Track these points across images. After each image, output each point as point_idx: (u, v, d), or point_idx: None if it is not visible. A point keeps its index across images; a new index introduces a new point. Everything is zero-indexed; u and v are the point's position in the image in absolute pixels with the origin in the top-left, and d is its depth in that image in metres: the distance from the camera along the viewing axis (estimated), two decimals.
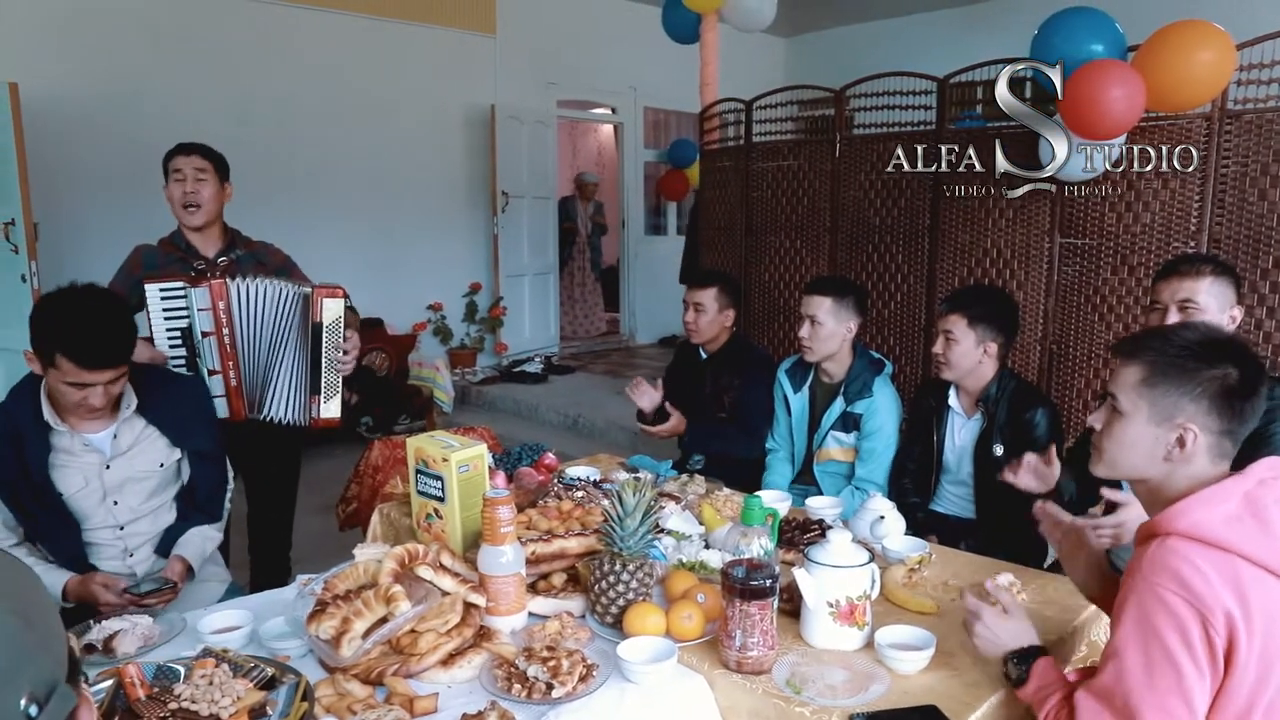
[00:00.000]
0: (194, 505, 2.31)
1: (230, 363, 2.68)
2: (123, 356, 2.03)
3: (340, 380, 2.73)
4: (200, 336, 2.65)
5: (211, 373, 2.65)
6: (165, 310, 2.64)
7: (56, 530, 2.13)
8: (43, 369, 2.00)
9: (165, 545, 2.25)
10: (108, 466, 2.16)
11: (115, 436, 2.17)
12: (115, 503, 2.18)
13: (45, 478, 2.09)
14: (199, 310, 2.63)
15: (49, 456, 2.10)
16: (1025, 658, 1.48)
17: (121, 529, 2.20)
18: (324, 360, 2.69)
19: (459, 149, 7.10)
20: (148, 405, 2.22)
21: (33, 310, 2.04)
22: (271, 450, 2.94)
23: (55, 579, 2.04)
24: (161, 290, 2.63)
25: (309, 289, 2.69)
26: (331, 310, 2.68)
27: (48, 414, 2.09)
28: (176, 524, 2.28)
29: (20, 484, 2.08)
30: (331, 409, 2.74)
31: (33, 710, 0.64)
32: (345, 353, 2.70)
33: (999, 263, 3.93)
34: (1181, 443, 1.36)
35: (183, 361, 2.65)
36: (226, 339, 2.67)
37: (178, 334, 2.65)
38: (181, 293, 2.64)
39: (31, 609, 0.69)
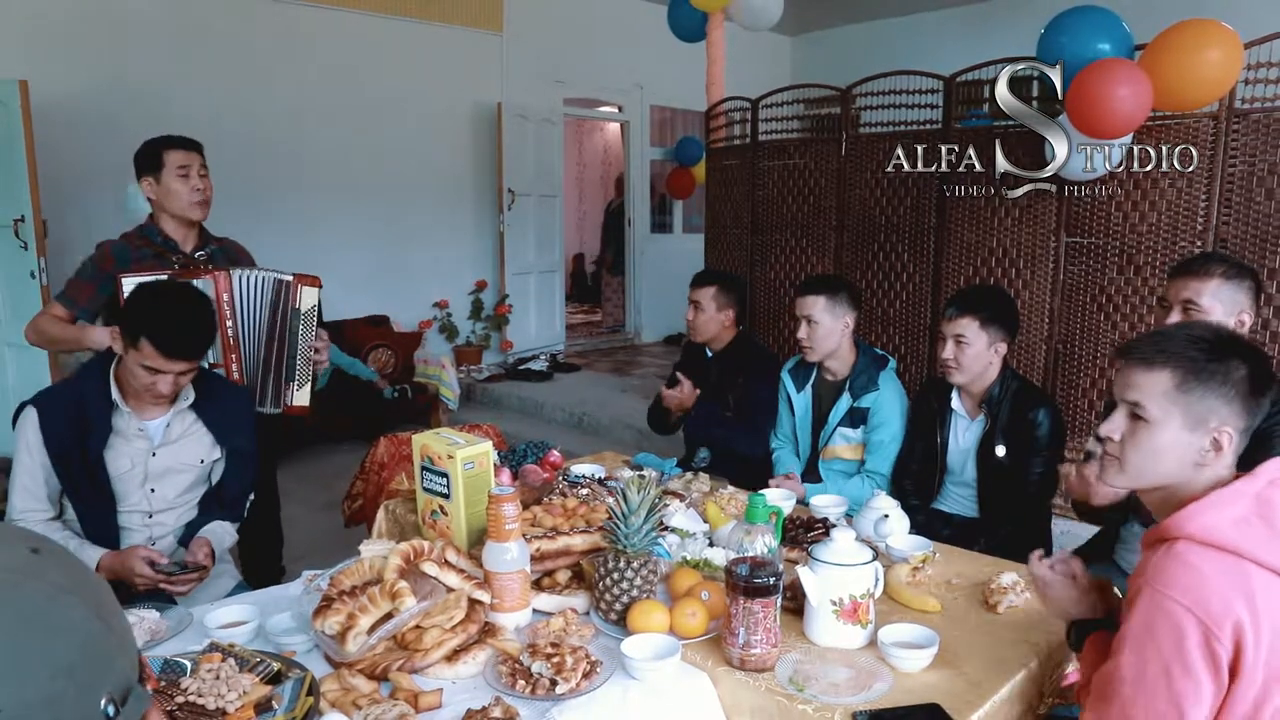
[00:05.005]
0: (219, 502, 2.37)
1: (233, 355, 2.66)
2: (200, 353, 2.16)
3: (311, 369, 2.74)
4: None
5: (213, 366, 2.61)
6: None
7: (96, 507, 2.20)
8: (124, 348, 2.11)
9: (186, 540, 2.29)
10: (154, 454, 2.24)
11: (168, 426, 2.26)
12: (153, 490, 2.26)
13: (100, 456, 2.17)
14: None
15: (109, 437, 2.19)
16: (1085, 628, 1.52)
17: (150, 516, 2.27)
18: (300, 346, 2.70)
19: (466, 147, 7.11)
20: (201, 402, 2.31)
21: (129, 293, 2.27)
22: None
23: (90, 555, 2.11)
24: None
25: (289, 276, 2.70)
26: (309, 298, 2.69)
27: (114, 394, 2.19)
28: (198, 519, 2.33)
29: (75, 457, 2.16)
30: (303, 396, 2.74)
31: (110, 710, 0.65)
32: (317, 350, 2.74)
33: (1004, 262, 3.92)
34: (1218, 446, 1.34)
35: None
36: (230, 332, 2.64)
37: None
38: None
39: (108, 610, 0.70)
